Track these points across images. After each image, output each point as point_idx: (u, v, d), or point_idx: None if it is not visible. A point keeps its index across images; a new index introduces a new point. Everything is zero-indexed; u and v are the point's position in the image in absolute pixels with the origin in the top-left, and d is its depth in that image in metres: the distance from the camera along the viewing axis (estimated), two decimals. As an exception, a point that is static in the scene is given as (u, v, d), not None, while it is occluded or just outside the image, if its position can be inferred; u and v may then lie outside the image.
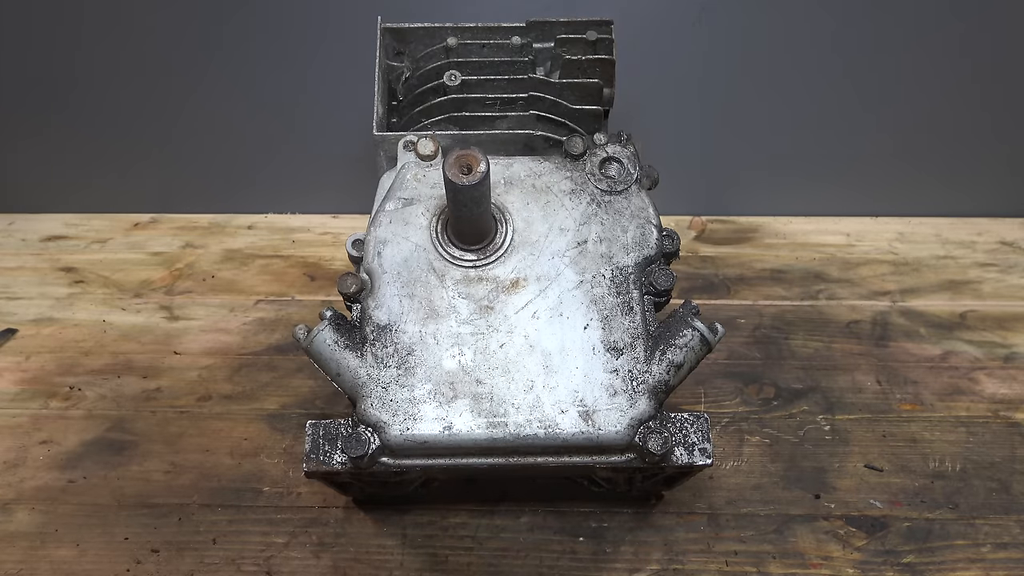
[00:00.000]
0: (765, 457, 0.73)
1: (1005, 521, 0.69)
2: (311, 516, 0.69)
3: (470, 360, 0.53)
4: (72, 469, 0.73)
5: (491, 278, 0.55)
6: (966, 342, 0.82)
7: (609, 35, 0.61)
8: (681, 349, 0.54)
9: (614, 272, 0.55)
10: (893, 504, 0.70)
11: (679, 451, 0.53)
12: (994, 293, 0.87)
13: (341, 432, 0.53)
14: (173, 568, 0.66)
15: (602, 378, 0.52)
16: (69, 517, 0.69)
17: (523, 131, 0.59)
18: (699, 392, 0.78)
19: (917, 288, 0.87)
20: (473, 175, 0.48)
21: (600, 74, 0.61)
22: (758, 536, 0.68)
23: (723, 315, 0.84)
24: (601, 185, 0.58)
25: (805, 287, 0.87)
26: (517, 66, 0.59)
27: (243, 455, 0.73)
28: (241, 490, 0.71)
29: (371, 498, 0.68)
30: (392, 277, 0.55)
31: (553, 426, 0.51)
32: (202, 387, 0.79)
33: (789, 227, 0.94)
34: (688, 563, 0.66)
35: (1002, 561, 0.67)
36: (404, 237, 0.56)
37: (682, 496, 0.70)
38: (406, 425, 0.51)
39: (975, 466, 0.73)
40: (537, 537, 0.68)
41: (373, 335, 0.54)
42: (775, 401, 0.77)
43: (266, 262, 0.90)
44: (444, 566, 0.66)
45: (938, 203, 0.94)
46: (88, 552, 0.67)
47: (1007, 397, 0.78)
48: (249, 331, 0.83)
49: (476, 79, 0.58)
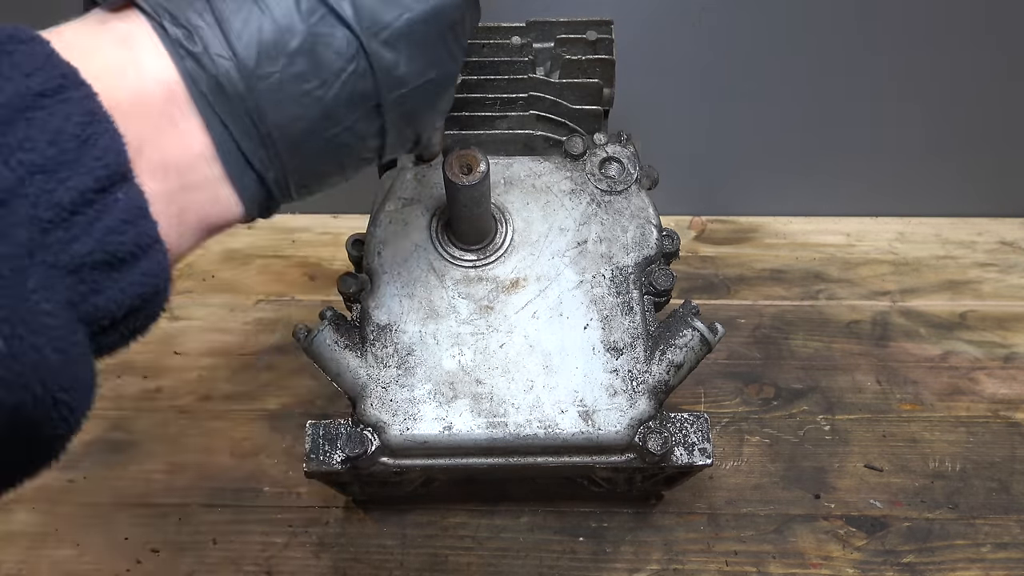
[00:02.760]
0: (765, 457, 0.73)
1: (1005, 521, 0.69)
2: (311, 516, 0.69)
3: (470, 360, 0.53)
4: (72, 469, 0.73)
5: (491, 278, 0.55)
6: (966, 342, 0.82)
7: (609, 35, 0.61)
8: (681, 349, 0.54)
9: (614, 272, 0.55)
10: (893, 504, 0.70)
11: (679, 451, 0.53)
12: (994, 293, 0.87)
13: (341, 432, 0.53)
14: (173, 568, 0.66)
15: (602, 378, 0.52)
16: (69, 517, 0.69)
17: (523, 131, 0.59)
18: (699, 392, 0.78)
19: (917, 288, 0.87)
20: (473, 175, 0.48)
21: (600, 74, 0.61)
22: (758, 536, 0.68)
23: (723, 315, 0.84)
24: (601, 185, 0.58)
25: (805, 287, 0.87)
26: (517, 66, 0.59)
27: (243, 455, 0.73)
28: (241, 490, 0.71)
29: (371, 498, 0.68)
30: (392, 277, 0.55)
31: (553, 426, 0.51)
32: (202, 387, 0.79)
33: (789, 227, 0.94)
34: (688, 563, 0.66)
35: (1002, 561, 0.67)
36: (404, 237, 0.56)
37: (682, 496, 0.70)
38: (406, 425, 0.51)
39: (975, 466, 0.73)
40: (537, 537, 0.68)
41: (373, 335, 0.54)
42: (775, 401, 0.77)
43: (266, 262, 0.90)
44: (444, 566, 0.66)
45: (938, 203, 0.94)
46: (88, 552, 0.67)
47: (1007, 397, 0.78)
48: (249, 331, 0.83)
49: (476, 79, 0.58)
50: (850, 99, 0.84)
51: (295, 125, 0.32)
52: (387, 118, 0.34)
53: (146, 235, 0.28)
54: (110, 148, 0.26)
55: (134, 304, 0.28)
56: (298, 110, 0.32)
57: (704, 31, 0.78)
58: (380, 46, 0.32)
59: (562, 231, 0.57)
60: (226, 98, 0.30)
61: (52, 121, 0.25)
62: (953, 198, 0.94)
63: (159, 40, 0.29)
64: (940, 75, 0.82)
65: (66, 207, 0.25)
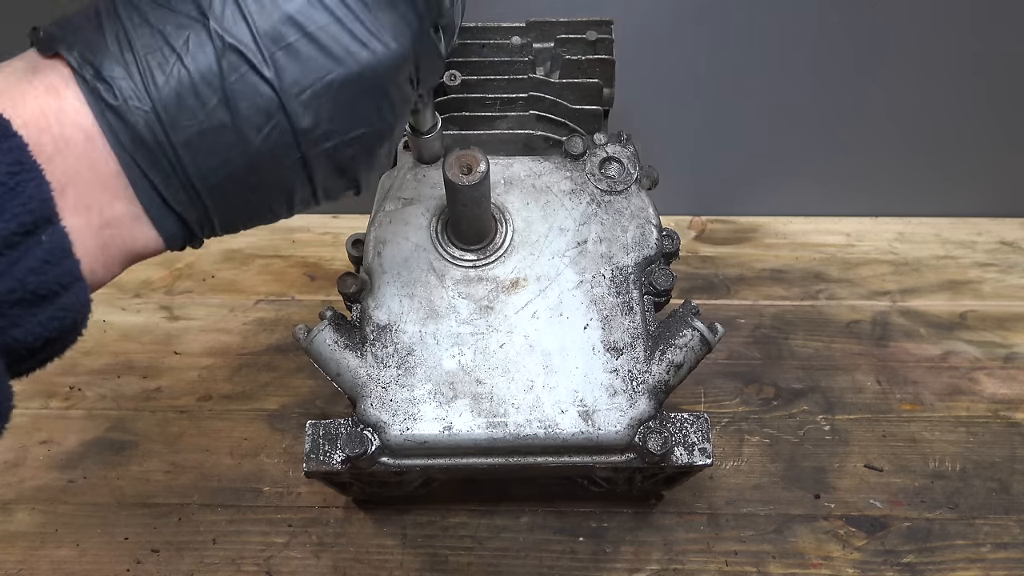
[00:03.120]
0: (765, 457, 0.73)
1: (1005, 521, 0.69)
2: (311, 516, 0.69)
3: (470, 360, 0.53)
4: (72, 469, 0.73)
5: (491, 278, 0.55)
6: (966, 342, 0.82)
7: (609, 35, 0.61)
8: (681, 349, 0.54)
9: (614, 272, 0.55)
10: (893, 504, 0.70)
11: (679, 451, 0.53)
12: (994, 293, 0.87)
13: (341, 432, 0.53)
14: (173, 568, 0.66)
15: (602, 378, 0.52)
16: (69, 517, 0.69)
17: (523, 131, 0.59)
18: (699, 392, 0.78)
19: (917, 288, 0.87)
20: (473, 175, 0.48)
21: (600, 74, 0.61)
22: (758, 536, 0.68)
23: (723, 315, 0.84)
24: (601, 185, 0.58)
25: (805, 287, 0.87)
26: (517, 66, 0.59)
27: (243, 455, 0.73)
28: (241, 490, 0.71)
29: (371, 498, 0.68)
30: (392, 277, 0.55)
31: (553, 426, 0.51)
32: (202, 387, 0.79)
33: (789, 227, 0.94)
34: (688, 563, 0.66)
35: (1002, 561, 0.67)
36: (404, 237, 0.56)
37: (682, 496, 0.70)
38: (406, 425, 0.51)
39: (975, 466, 0.73)
40: (537, 537, 0.68)
41: (373, 335, 0.54)
42: (775, 401, 0.77)
43: (266, 262, 0.90)
44: (444, 566, 0.66)
45: (938, 203, 0.94)
46: (88, 552, 0.67)
47: (1007, 397, 0.78)
48: (249, 331, 0.83)
49: (476, 79, 0.58)
50: (850, 99, 0.84)
51: (215, 173, 0.33)
52: (314, 169, 0.35)
53: (68, 274, 0.30)
54: (35, 196, 0.28)
55: (52, 336, 0.30)
56: (218, 160, 0.33)
57: (704, 31, 0.78)
58: (299, 106, 0.32)
59: (562, 231, 0.57)
60: (145, 148, 0.31)
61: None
62: (953, 198, 0.94)
63: (80, 92, 0.31)
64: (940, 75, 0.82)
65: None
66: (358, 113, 0.35)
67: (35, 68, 0.31)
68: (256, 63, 0.31)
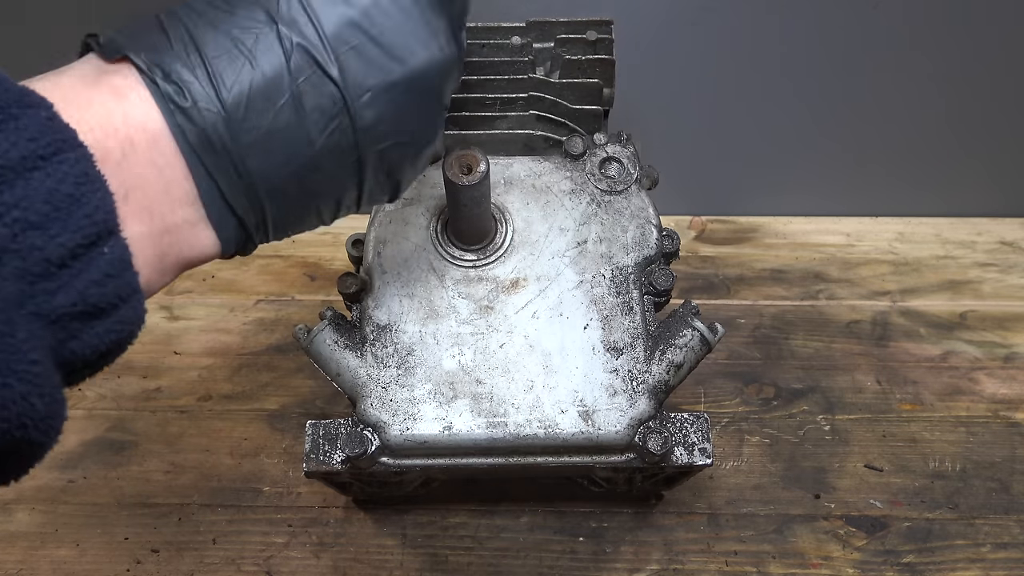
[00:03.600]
0: (765, 457, 0.73)
1: (1005, 521, 0.69)
2: (311, 516, 0.69)
3: (470, 360, 0.53)
4: (72, 469, 0.73)
5: (491, 278, 0.55)
6: (966, 342, 0.82)
7: (609, 35, 0.61)
8: (681, 349, 0.54)
9: (614, 272, 0.55)
10: (893, 504, 0.70)
11: (679, 451, 0.53)
12: (994, 293, 0.87)
13: (341, 432, 0.53)
14: (173, 568, 0.66)
15: (602, 378, 0.52)
16: (69, 517, 0.69)
17: (523, 131, 0.59)
18: (699, 392, 0.78)
19: (917, 288, 0.87)
20: (473, 175, 0.48)
21: (600, 74, 0.61)
22: (758, 536, 0.68)
23: (723, 315, 0.84)
24: (601, 185, 0.58)
25: (805, 287, 0.87)
26: (517, 66, 0.59)
27: (243, 455, 0.73)
28: (241, 490, 0.71)
29: (371, 498, 0.68)
30: (392, 277, 0.55)
31: (553, 426, 0.51)
32: (202, 387, 0.79)
33: (789, 227, 0.94)
34: (688, 563, 0.66)
35: (1002, 561, 0.67)
36: (404, 237, 0.56)
37: (682, 496, 0.70)
38: (406, 425, 0.51)
39: (975, 466, 0.73)
40: (537, 537, 0.68)
41: (373, 335, 0.54)
42: (775, 401, 0.77)
43: (266, 262, 0.90)
44: (444, 566, 0.66)
45: (938, 203, 0.94)
46: (88, 552, 0.67)
47: (1007, 397, 0.78)
48: (249, 331, 0.83)
49: (476, 79, 0.58)
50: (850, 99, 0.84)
51: (278, 174, 0.33)
52: (366, 170, 0.36)
53: (127, 286, 0.30)
54: (100, 207, 0.28)
55: (108, 348, 0.30)
56: (281, 160, 0.33)
57: (704, 31, 0.78)
58: (363, 106, 0.34)
59: (562, 231, 0.57)
60: (212, 149, 0.32)
61: (48, 181, 0.27)
62: (953, 198, 0.94)
63: (150, 95, 0.31)
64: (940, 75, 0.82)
65: (54, 261, 0.27)
66: (413, 114, 0.36)
67: (99, 72, 0.31)
68: (323, 63, 0.32)
